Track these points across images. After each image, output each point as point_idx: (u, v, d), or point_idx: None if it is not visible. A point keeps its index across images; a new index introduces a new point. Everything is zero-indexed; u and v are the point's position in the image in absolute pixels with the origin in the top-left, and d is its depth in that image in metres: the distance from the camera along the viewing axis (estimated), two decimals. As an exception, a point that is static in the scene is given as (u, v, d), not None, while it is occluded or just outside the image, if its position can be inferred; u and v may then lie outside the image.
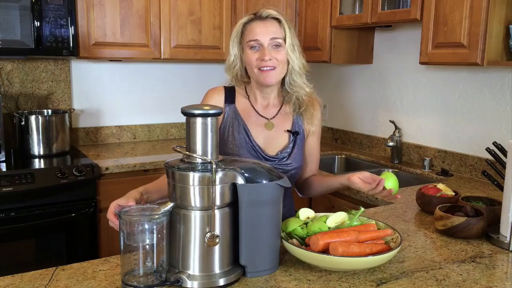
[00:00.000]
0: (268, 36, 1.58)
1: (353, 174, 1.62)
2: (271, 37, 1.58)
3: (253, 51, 1.60)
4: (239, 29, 1.64)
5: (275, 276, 1.24)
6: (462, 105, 2.56)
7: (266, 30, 1.59)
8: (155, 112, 3.40)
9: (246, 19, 1.64)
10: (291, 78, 1.66)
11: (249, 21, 1.63)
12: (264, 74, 1.60)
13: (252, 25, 1.62)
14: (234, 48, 1.66)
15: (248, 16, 1.64)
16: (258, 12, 1.62)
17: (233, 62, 1.67)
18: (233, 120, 1.67)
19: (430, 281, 1.23)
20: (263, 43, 1.59)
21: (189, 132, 1.19)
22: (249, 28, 1.62)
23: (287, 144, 1.69)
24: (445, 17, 2.20)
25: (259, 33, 1.59)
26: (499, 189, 1.74)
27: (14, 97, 2.89)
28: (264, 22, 1.60)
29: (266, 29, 1.59)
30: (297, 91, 1.68)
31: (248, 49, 1.61)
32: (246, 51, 1.62)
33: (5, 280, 1.20)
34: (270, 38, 1.58)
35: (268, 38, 1.58)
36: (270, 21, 1.60)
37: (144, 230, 1.13)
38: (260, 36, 1.58)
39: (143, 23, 2.90)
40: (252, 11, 1.65)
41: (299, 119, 1.73)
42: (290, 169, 1.67)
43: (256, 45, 1.59)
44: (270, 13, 1.60)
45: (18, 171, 2.35)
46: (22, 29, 2.48)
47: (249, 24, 1.62)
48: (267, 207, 1.22)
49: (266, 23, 1.60)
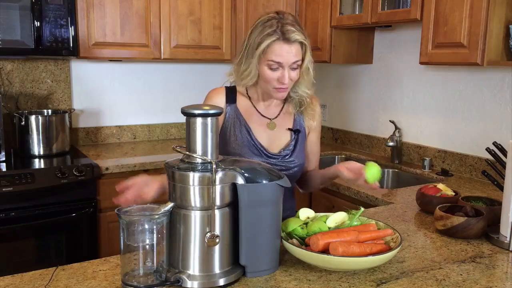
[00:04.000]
0: (291, 61, 1.55)
1: (342, 164, 1.67)
2: (293, 61, 1.56)
3: (272, 71, 1.57)
4: (264, 47, 1.55)
5: (275, 276, 1.24)
6: (462, 105, 2.56)
7: (290, 54, 1.54)
8: (155, 112, 3.40)
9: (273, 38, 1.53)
10: (298, 88, 1.67)
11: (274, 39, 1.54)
12: (278, 92, 1.61)
13: (277, 45, 1.53)
14: (254, 62, 1.58)
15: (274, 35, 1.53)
16: (285, 34, 1.53)
17: (247, 71, 1.61)
18: (235, 120, 1.67)
19: (430, 281, 1.23)
20: (285, 66, 1.56)
21: (189, 132, 1.19)
22: (273, 48, 1.54)
23: (289, 142, 1.71)
24: (445, 17, 2.20)
25: (283, 57, 1.54)
26: (499, 189, 1.74)
27: (14, 97, 2.89)
28: (290, 46, 1.54)
29: (291, 53, 1.54)
30: (299, 95, 1.69)
31: (267, 67, 1.57)
32: (264, 67, 1.57)
33: (5, 280, 1.20)
34: (292, 62, 1.56)
35: (290, 62, 1.55)
36: (295, 45, 1.55)
37: (144, 230, 1.13)
38: (284, 59, 1.54)
39: (143, 23, 2.90)
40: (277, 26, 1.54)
41: (300, 118, 1.74)
42: (293, 166, 1.68)
43: (277, 66, 1.56)
44: (297, 38, 1.54)
45: (18, 171, 2.35)
46: (22, 29, 2.48)
47: (274, 44, 1.54)
48: (267, 207, 1.22)
49: (291, 47, 1.54)
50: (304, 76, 1.63)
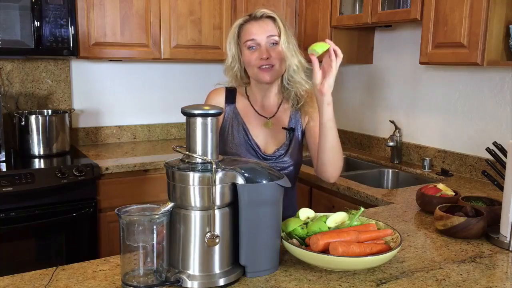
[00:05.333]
0: (265, 35, 1.61)
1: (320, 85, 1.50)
2: (267, 35, 1.61)
3: (251, 51, 1.63)
4: (235, 31, 1.66)
5: (275, 276, 1.24)
6: (462, 105, 2.56)
7: (261, 29, 1.61)
8: (155, 112, 3.40)
9: (241, 21, 1.66)
10: (289, 75, 1.66)
11: (244, 22, 1.65)
12: (262, 72, 1.63)
13: (247, 25, 1.64)
14: (232, 50, 1.68)
15: (243, 18, 1.67)
16: (252, 13, 1.65)
17: (232, 63, 1.69)
18: (233, 120, 1.69)
19: (430, 281, 1.23)
20: (260, 42, 1.61)
21: (189, 132, 1.19)
22: (245, 29, 1.64)
23: (284, 141, 1.71)
24: (445, 17, 2.20)
25: (255, 33, 1.61)
26: (499, 189, 1.74)
27: (14, 97, 2.89)
28: (259, 22, 1.63)
29: (261, 28, 1.61)
30: (296, 88, 1.68)
31: (246, 49, 1.63)
32: (244, 52, 1.64)
33: (5, 280, 1.20)
34: (266, 36, 1.61)
35: (264, 37, 1.61)
36: (265, 20, 1.63)
37: (144, 230, 1.13)
38: (257, 35, 1.61)
39: (143, 23, 2.90)
40: (247, 13, 1.68)
41: (296, 115, 1.73)
42: (287, 166, 1.69)
43: (254, 44, 1.62)
44: (264, 12, 1.63)
45: (18, 171, 2.35)
46: (22, 29, 2.48)
47: (245, 25, 1.65)
48: (267, 207, 1.22)
49: (261, 22, 1.62)
50: (287, 54, 1.60)
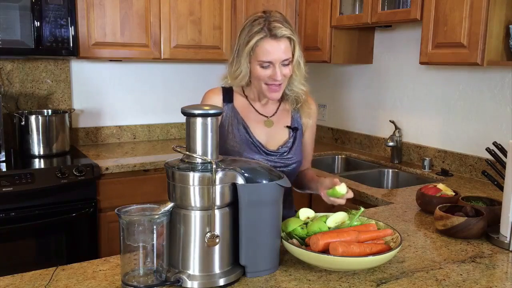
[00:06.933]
0: (281, 58, 1.57)
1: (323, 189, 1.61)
2: (283, 58, 1.57)
3: (263, 69, 1.59)
4: (252, 45, 1.57)
5: (275, 276, 1.24)
6: (462, 105, 2.56)
7: (279, 50, 1.56)
8: (155, 112, 3.40)
9: (259, 37, 1.56)
10: (293, 85, 1.68)
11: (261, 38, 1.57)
12: (271, 91, 1.62)
13: (264, 43, 1.56)
14: (244, 61, 1.61)
15: (261, 33, 1.56)
16: (272, 30, 1.55)
17: (241, 73, 1.63)
18: (232, 118, 1.69)
19: (430, 281, 1.23)
20: (275, 64, 1.58)
21: (189, 132, 1.19)
22: (262, 46, 1.56)
23: (287, 139, 1.72)
24: (445, 17, 2.20)
25: (273, 54, 1.56)
26: (499, 189, 1.74)
27: (14, 97, 2.89)
28: (278, 41, 1.56)
29: (279, 49, 1.56)
30: (296, 92, 1.71)
31: (258, 65, 1.59)
32: (255, 66, 1.60)
33: (5, 280, 1.20)
34: (282, 58, 1.57)
35: (280, 59, 1.57)
36: (282, 40, 1.57)
37: (144, 230, 1.13)
38: (274, 57, 1.56)
39: (143, 23, 2.90)
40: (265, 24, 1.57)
41: (297, 115, 1.76)
42: (291, 163, 1.70)
43: (269, 64, 1.58)
44: (285, 34, 1.56)
45: (18, 171, 2.35)
46: (22, 29, 2.48)
47: (262, 42, 1.56)
48: (267, 207, 1.22)
49: (280, 43, 1.56)
50: (296, 72, 1.64)
